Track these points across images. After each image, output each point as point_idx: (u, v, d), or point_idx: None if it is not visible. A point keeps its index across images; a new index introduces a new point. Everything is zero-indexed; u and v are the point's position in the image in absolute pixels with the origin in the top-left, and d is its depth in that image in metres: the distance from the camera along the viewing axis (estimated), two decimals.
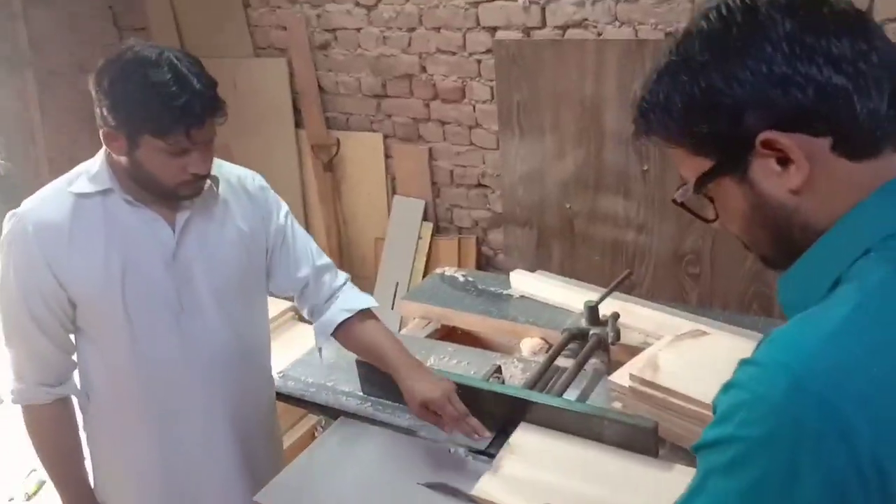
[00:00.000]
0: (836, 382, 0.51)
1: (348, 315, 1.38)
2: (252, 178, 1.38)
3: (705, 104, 0.60)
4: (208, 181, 1.23)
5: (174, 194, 1.19)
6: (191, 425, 1.33)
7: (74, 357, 1.29)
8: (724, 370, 0.59)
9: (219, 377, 1.33)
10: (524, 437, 1.29)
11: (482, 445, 1.35)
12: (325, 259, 1.44)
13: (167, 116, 1.08)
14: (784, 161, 0.59)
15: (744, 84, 0.58)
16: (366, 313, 1.41)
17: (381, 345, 1.35)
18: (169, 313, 1.25)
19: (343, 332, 1.39)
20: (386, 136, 3.09)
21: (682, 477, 1.17)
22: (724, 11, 0.60)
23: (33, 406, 1.27)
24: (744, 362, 0.58)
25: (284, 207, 1.42)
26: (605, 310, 1.65)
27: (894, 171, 0.59)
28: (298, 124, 3.28)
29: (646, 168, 2.36)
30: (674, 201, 0.69)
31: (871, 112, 0.57)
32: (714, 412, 0.59)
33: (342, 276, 1.46)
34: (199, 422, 1.34)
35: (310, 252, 1.41)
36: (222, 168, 1.32)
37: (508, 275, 2.03)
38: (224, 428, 1.36)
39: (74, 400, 1.32)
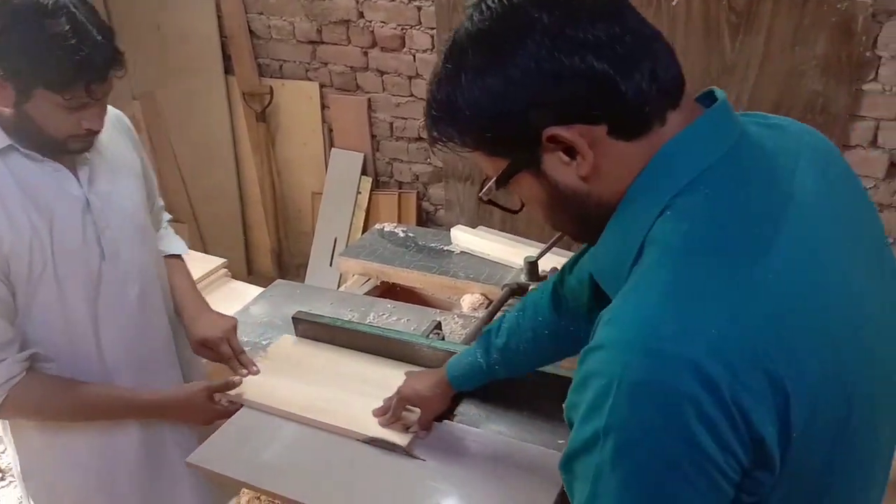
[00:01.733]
0: (684, 341, 0.53)
1: (162, 254, 1.43)
2: (122, 116, 1.36)
3: (489, 109, 0.63)
4: None
5: (63, 147, 1.12)
6: (128, 369, 1.29)
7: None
8: None
9: (148, 317, 1.30)
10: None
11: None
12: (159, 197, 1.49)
13: (67, 71, 1.01)
14: (570, 151, 0.63)
15: (518, 84, 0.60)
16: (174, 256, 1.47)
17: (175, 286, 1.41)
18: (87, 263, 1.20)
19: None
20: (322, 86, 2.97)
21: None
22: (484, 11, 0.62)
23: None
24: (588, 351, 0.58)
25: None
26: (544, 265, 1.66)
27: (664, 140, 0.62)
28: (228, 70, 3.11)
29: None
30: (480, 199, 0.72)
31: (636, 92, 0.60)
32: (571, 414, 0.60)
33: (166, 215, 1.52)
34: (131, 366, 1.29)
35: (156, 189, 1.46)
36: None
37: (449, 230, 2.02)
38: (164, 370, 1.35)
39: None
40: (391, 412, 1.20)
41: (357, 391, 1.30)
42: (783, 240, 0.58)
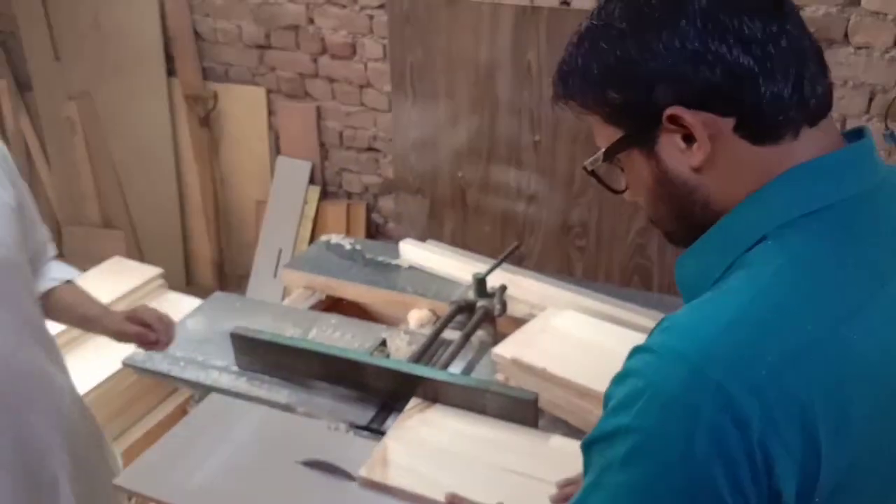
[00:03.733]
0: (732, 372, 0.51)
1: (55, 284, 1.32)
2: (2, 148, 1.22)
3: (620, 73, 0.61)
4: None
5: None
6: None
7: None
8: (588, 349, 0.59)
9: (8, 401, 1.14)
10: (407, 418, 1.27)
11: (363, 421, 1.31)
12: (47, 231, 1.37)
13: None
14: (689, 138, 0.60)
15: (657, 56, 0.59)
16: (66, 284, 1.36)
17: (74, 304, 1.33)
18: None
19: (46, 299, 1.31)
20: (269, 91, 2.90)
21: (559, 444, 1.21)
22: None
23: None
24: (638, 350, 0.57)
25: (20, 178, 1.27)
26: (493, 282, 1.64)
27: (794, 158, 0.59)
28: (171, 73, 2.99)
29: (537, 139, 2.36)
30: (584, 169, 0.70)
31: (775, 96, 0.57)
32: (606, 403, 0.58)
33: (52, 248, 1.37)
34: None
35: (39, 221, 1.32)
36: None
37: (398, 244, 1.98)
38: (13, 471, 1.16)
39: None
40: None
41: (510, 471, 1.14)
42: (879, 304, 0.56)
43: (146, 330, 1.28)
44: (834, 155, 0.59)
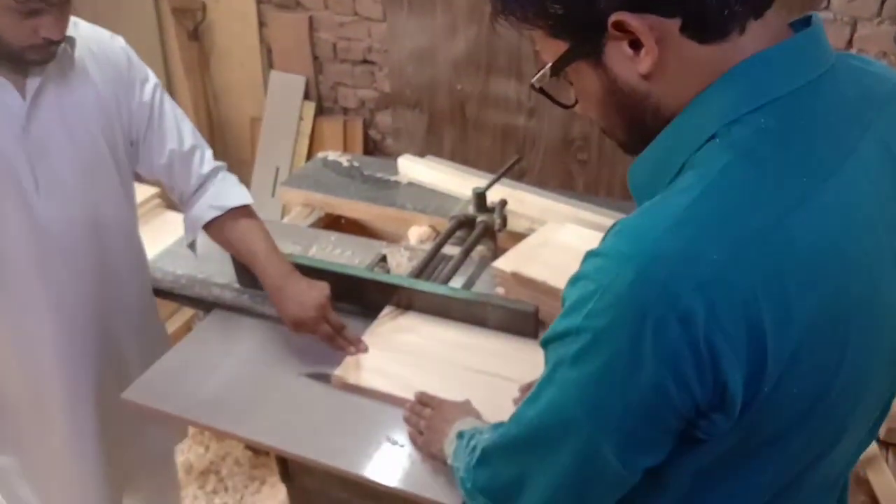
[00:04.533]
0: (677, 271, 0.52)
1: (218, 213, 1.26)
2: (111, 40, 1.23)
3: None
4: (62, 44, 1.08)
5: (21, 58, 1.04)
6: (41, 321, 1.20)
7: None
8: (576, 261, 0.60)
9: (78, 266, 1.20)
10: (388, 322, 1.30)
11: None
12: (195, 140, 1.29)
13: None
14: (636, 44, 0.58)
15: None
16: (239, 210, 1.28)
17: (252, 251, 1.25)
18: (18, 193, 1.09)
19: (214, 229, 1.28)
20: (259, 2, 2.77)
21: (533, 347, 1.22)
22: None
23: None
24: (590, 254, 0.58)
25: (153, 79, 1.26)
26: (493, 196, 1.63)
27: (742, 54, 0.58)
28: None
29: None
30: (532, 86, 0.67)
31: None
32: (563, 304, 0.60)
33: (210, 162, 1.31)
34: (50, 318, 1.20)
35: (177, 132, 1.26)
36: (78, 27, 1.15)
37: (397, 160, 1.95)
38: (84, 325, 1.25)
39: None
40: None
41: (483, 373, 1.18)
42: (823, 197, 0.55)
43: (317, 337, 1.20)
44: (779, 47, 0.58)
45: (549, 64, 0.64)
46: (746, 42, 0.57)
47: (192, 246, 1.34)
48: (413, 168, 1.90)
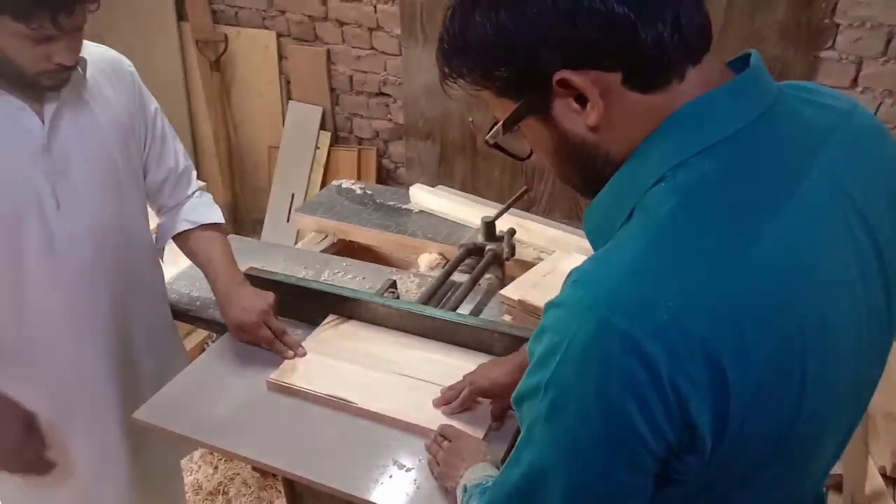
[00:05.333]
0: (635, 319, 0.52)
1: (190, 227, 1.36)
2: (120, 61, 1.29)
3: (500, 46, 0.60)
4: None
5: (35, 84, 1.08)
6: (61, 337, 1.23)
7: None
8: None
9: (97, 282, 1.24)
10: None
11: None
12: (187, 161, 1.40)
13: None
14: (581, 99, 0.60)
15: (532, 23, 0.57)
16: (209, 226, 1.38)
17: (209, 258, 1.35)
18: (39, 212, 1.13)
19: (181, 239, 1.38)
20: (279, 35, 2.87)
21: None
22: None
23: None
24: (550, 305, 0.58)
25: (154, 101, 1.34)
26: (502, 226, 1.65)
27: (683, 98, 0.59)
28: (182, 17, 2.97)
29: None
30: (486, 143, 0.69)
31: (655, 40, 0.56)
32: (529, 359, 0.60)
33: (196, 182, 1.42)
34: (69, 333, 1.24)
35: (174, 152, 1.36)
36: (87, 48, 1.19)
37: (409, 189, 1.99)
38: (103, 342, 1.28)
39: None
40: (459, 402, 1.13)
41: (414, 378, 1.23)
42: (770, 237, 0.55)
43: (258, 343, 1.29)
44: (719, 90, 0.59)
45: (500, 122, 0.65)
46: (687, 87, 0.59)
47: (161, 252, 1.42)
48: (424, 197, 1.94)
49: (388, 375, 1.23)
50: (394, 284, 1.51)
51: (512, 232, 1.64)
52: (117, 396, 1.32)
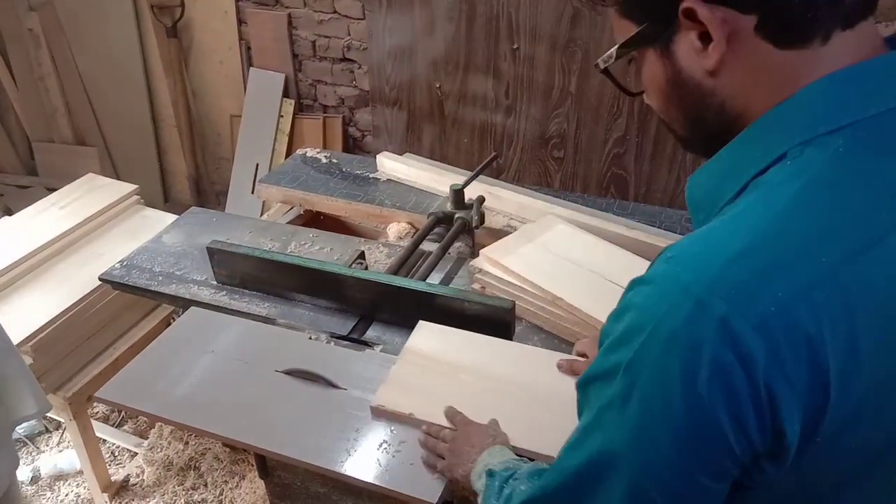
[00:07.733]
0: (738, 306, 0.47)
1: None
2: None
3: None
4: None
5: None
6: None
7: None
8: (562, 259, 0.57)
9: None
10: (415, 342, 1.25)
11: (343, 332, 1.34)
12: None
13: None
14: (706, 37, 0.55)
15: None
16: None
17: None
18: None
19: None
20: None
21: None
22: None
23: None
24: (637, 282, 0.54)
25: None
26: (471, 193, 1.64)
27: (822, 66, 0.53)
28: None
29: (515, 46, 2.30)
30: (596, 66, 0.65)
31: None
32: (602, 341, 0.56)
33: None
34: None
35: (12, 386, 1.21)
36: None
37: (375, 157, 1.96)
38: None
39: None
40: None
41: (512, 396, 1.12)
42: None
43: None
44: (866, 63, 0.52)
45: (617, 45, 0.60)
46: (829, 52, 0.52)
47: None
48: (392, 165, 1.91)
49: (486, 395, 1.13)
50: (362, 255, 1.49)
51: (481, 199, 1.63)
52: None
